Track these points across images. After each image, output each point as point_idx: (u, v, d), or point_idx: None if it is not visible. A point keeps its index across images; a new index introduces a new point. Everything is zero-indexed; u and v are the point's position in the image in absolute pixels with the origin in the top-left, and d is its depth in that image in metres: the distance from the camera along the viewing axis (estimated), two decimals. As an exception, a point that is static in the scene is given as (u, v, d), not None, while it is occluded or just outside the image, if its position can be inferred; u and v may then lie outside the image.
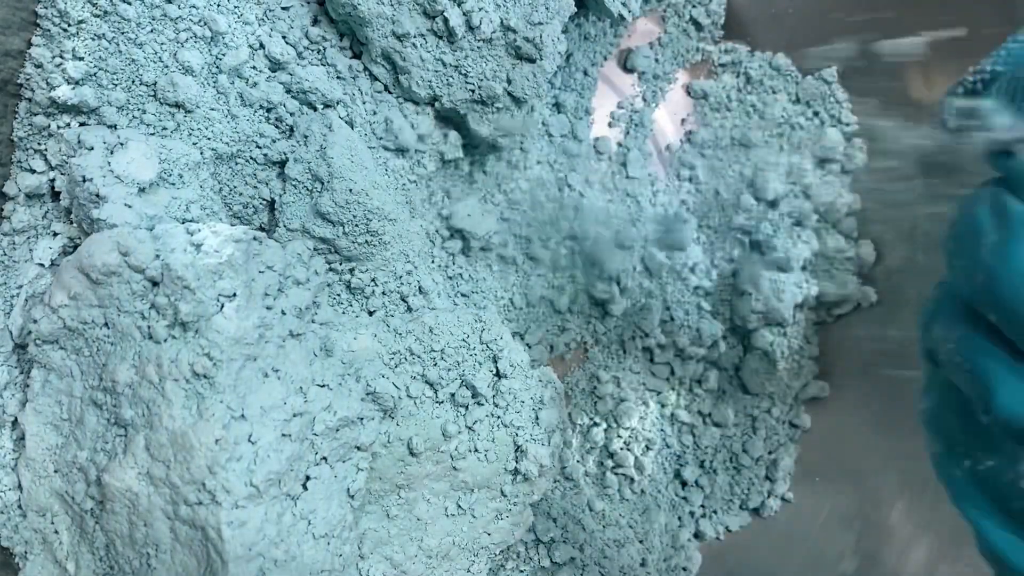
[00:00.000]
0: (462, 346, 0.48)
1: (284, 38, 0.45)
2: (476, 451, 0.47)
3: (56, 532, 0.39)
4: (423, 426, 0.45)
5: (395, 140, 0.47)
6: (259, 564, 0.35)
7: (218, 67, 0.43)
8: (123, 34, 0.40)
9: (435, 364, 0.47)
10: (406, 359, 0.46)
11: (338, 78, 0.46)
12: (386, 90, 0.48)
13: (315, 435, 0.38)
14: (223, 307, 0.37)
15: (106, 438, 0.37)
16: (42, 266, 0.41)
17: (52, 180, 0.42)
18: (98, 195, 0.38)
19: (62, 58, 0.39)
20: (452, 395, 0.47)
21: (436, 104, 0.48)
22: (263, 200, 0.46)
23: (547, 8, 0.45)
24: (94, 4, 0.39)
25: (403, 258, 0.48)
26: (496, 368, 0.48)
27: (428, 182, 0.51)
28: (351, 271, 0.46)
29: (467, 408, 0.47)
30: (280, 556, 0.36)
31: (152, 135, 0.41)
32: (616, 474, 0.59)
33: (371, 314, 0.47)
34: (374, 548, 0.45)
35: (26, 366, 0.41)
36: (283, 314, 0.39)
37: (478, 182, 0.54)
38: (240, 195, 0.45)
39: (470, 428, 0.47)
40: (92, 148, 0.39)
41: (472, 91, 0.46)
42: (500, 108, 0.47)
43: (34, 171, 0.41)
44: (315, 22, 0.45)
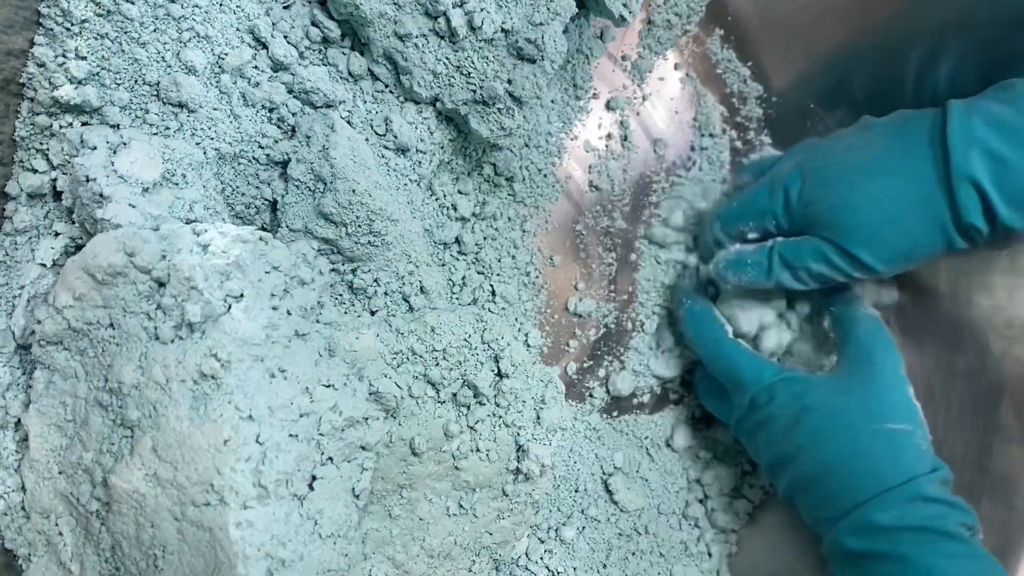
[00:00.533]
0: (464, 346, 0.48)
1: (286, 38, 0.45)
2: (478, 451, 0.47)
3: (60, 534, 0.39)
4: (425, 426, 0.45)
5: (396, 140, 0.47)
6: (267, 564, 0.35)
7: (221, 67, 0.43)
8: (126, 33, 0.40)
9: (437, 364, 0.47)
10: (408, 359, 0.46)
11: (340, 78, 0.46)
12: (387, 90, 0.47)
13: (321, 435, 0.38)
14: (231, 308, 0.36)
15: (112, 439, 0.37)
16: (44, 266, 0.41)
17: (54, 180, 0.41)
18: (102, 195, 0.38)
19: (65, 57, 0.39)
20: (454, 395, 0.47)
21: (437, 104, 0.48)
22: (265, 200, 0.46)
23: (548, 8, 0.45)
24: (97, 3, 0.39)
25: (405, 258, 0.48)
26: (498, 368, 0.48)
27: (429, 181, 0.51)
28: (353, 271, 0.46)
29: (469, 408, 0.47)
30: (287, 556, 0.36)
31: (155, 135, 0.41)
32: None
33: (373, 314, 0.47)
34: (376, 548, 0.45)
35: (29, 367, 0.41)
36: (289, 314, 0.39)
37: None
38: (243, 195, 0.45)
39: (472, 428, 0.47)
40: (95, 148, 0.39)
41: (473, 91, 0.46)
42: (501, 108, 0.47)
43: (36, 171, 0.41)
44: (316, 22, 0.45)
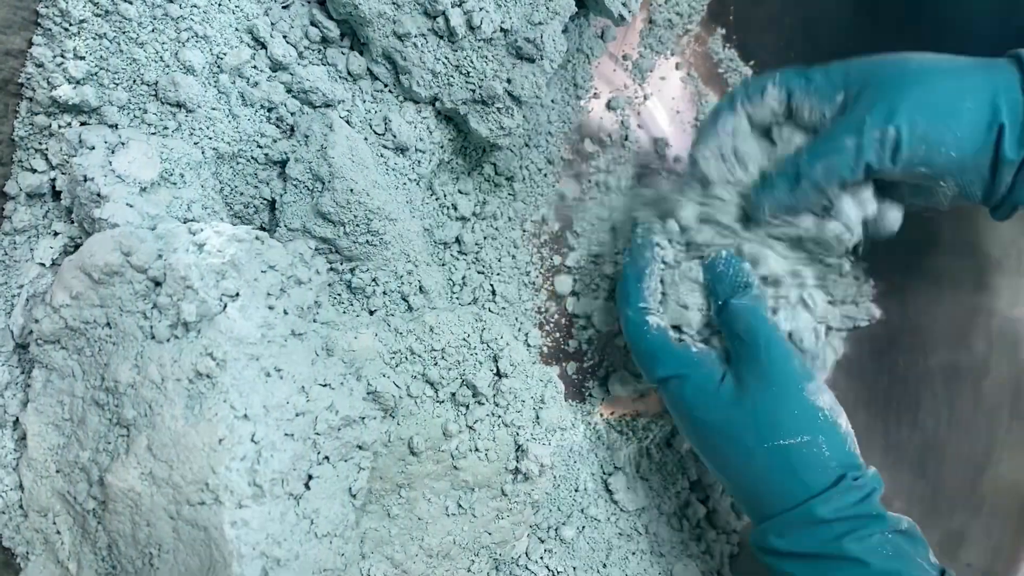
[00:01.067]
0: (463, 345, 0.48)
1: (285, 38, 0.45)
2: (477, 450, 0.47)
3: (58, 532, 0.39)
4: (424, 425, 0.45)
5: (395, 139, 0.47)
6: (262, 564, 0.35)
7: (219, 67, 0.43)
8: (124, 33, 0.40)
9: (436, 363, 0.47)
10: (407, 358, 0.46)
11: (339, 78, 0.46)
12: (387, 90, 0.47)
13: (317, 434, 0.38)
14: (226, 307, 0.37)
15: (108, 438, 0.37)
16: (43, 266, 0.41)
17: (53, 179, 0.41)
18: (99, 194, 0.38)
19: (63, 57, 0.39)
20: (453, 394, 0.47)
21: (437, 104, 0.48)
22: (264, 200, 0.46)
23: (547, 8, 0.45)
24: (95, 3, 0.39)
25: (404, 258, 0.48)
26: (496, 367, 0.48)
27: (429, 181, 0.51)
28: (352, 271, 0.46)
29: (468, 407, 0.47)
30: (283, 555, 0.36)
31: (153, 135, 0.41)
32: None
33: (372, 313, 0.47)
34: (375, 547, 0.45)
35: (27, 366, 0.41)
36: (285, 313, 0.39)
37: None
38: (241, 195, 0.45)
39: (471, 427, 0.47)
40: (93, 147, 0.39)
41: (473, 91, 0.46)
42: (500, 108, 0.47)
43: (35, 170, 0.41)
44: (315, 22, 0.45)
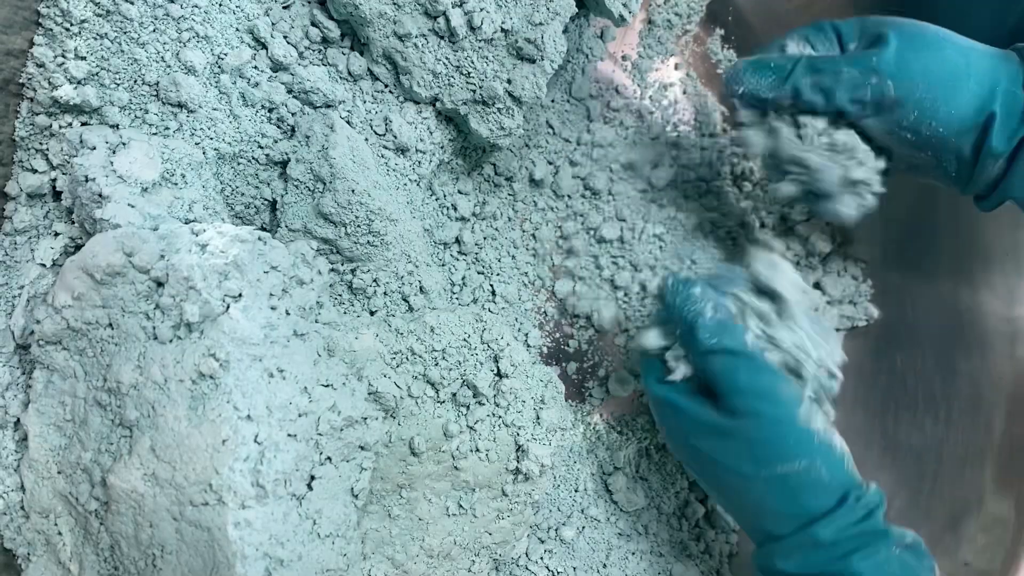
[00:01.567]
0: (463, 346, 0.48)
1: (286, 38, 0.45)
2: (477, 451, 0.47)
3: (59, 533, 0.39)
4: (424, 426, 0.45)
5: (396, 140, 0.47)
6: (265, 564, 0.35)
7: (220, 67, 0.43)
8: (125, 34, 0.40)
9: (436, 364, 0.47)
10: (407, 359, 0.46)
11: (340, 78, 0.46)
12: (387, 90, 0.48)
13: (320, 435, 0.38)
14: (229, 308, 0.36)
15: (110, 439, 0.37)
16: (44, 266, 0.41)
17: (53, 180, 0.41)
18: (101, 195, 0.38)
19: (64, 57, 0.39)
20: (453, 395, 0.47)
21: (437, 104, 0.48)
22: (265, 200, 0.46)
23: (548, 8, 0.45)
24: (96, 3, 0.39)
25: (404, 258, 0.48)
26: (497, 368, 0.48)
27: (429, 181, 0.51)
28: (353, 271, 0.46)
29: (468, 408, 0.47)
30: (286, 556, 0.36)
31: (154, 135, 0.41)
32: None
33: (373, 314, 0.47)
34: (376, 548, 0.45)
35: (28, 367, 0.41)
36: (287, 314, 0.39)
37: None
38: (242, 195, 0.45)
39: (471, 428, 0.47)
40: (94, 148, 0.39)
41: (473, 91, 0.46)
42: (501, 108, 0.47)
43: (36, 171, 0.41)
44: (316, 22, 0.45)
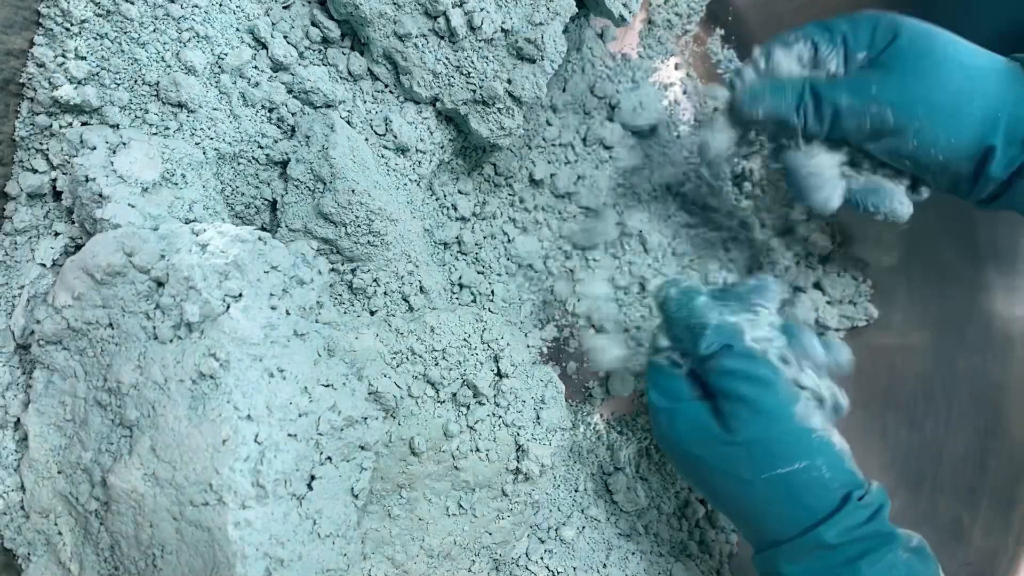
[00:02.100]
0: (463, 345, 0.48)
1: (286, 38, 0.45)
2: (477, 450, 0.47)
3: (60, 533, 0.39)
4: (425, 425, 0.45)
5: (396, 140, 0.47)
6: (265, 564, 0.35)
7: (220, 67, 0.43)
8: (126, 34, 0.40)
9: (436, 364, 0.47)
10: (408, 359, 0.46)
11: (340, 78, 0.46)
12: (387, 90, 0.48)
13: (320, 435, 0.38)
14: (229, 308, 0.36)
15: (111, 439, 0.37)
16: (44, 266, 0.41)
17: (54, 180, 0.41)
18: (101, 195, 0.38)
19: (64, 57, 0.39)
20: (453, 395, 0.47)
21: (437, 104, 0.48)
22: (265, 200, 0.46)
23: (548, 8, 0.45)
24: (97, 3, 0.39)
25: (405, 258, 0.48)
26: (497, 367, 0.48)
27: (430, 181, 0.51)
28: (353, 271, 0.46)
29: (468, 407, 0.47)
30: (286, 556, 0.36)
31: (155, 135, 0.41)
32: None
33: (373, 314, 0.47)
34: (376, 548, 0.45)
35: (28, 367, 0.41)
36: (288, 314, 0.39)
37: None
38: (242, 195, 0.45)
39: (471, 427, 0.47)
40: (95, 148, 0.39)
41: (473, 91, 0.46)
42: (501, 108, 0.47)
43: (36, 171, 0.41)
44: (316, 22, 0.45)
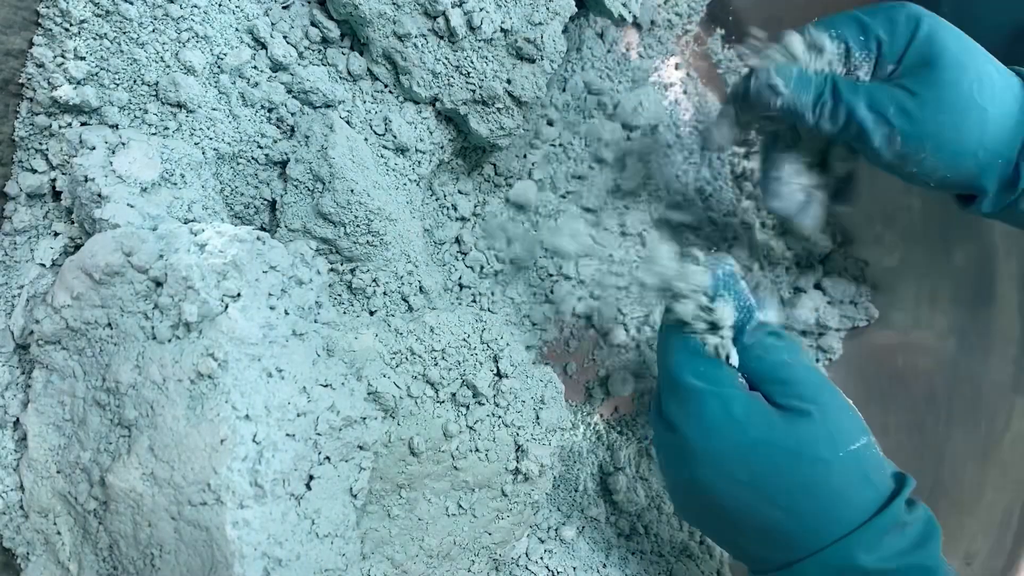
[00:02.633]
0: (463, 346, 0.48)
1: (285, 38, 0.45)
2: (477, 451, 0.47)
3: (58, 533, 0.39)
4: (424, 426, 0.45)
5: (395, 140, 0.47)
6: (263, 564, 0.35)
7: (220, 67, 0.43)
8: (125, 34, 0.40)
9: (436, 364, 0.47)
10: (407, 359, 0.46)
11: (339, 78, 0.46)
12: (387, 90, 0.48)
13: (318, 435, 0.38)
14: (227, 307, 0.36)
15: (109, 439, 0.37)
16: (43, 266, 0.41)
17: (53, 180, 0.41)
18: (100, 195, 0.38)
19: (64, 58, 0.39)
20: (453, 395, 0.47)
21: (437, 104, 0.48)
22: (264, 200, 0.46)
23: (547, 8, 0.45)
24: (96, 4, 0.39)
25: (404, 258, 0.48)
26: (497, 367, 0.48)
27: (429, 181, 0.51)
28: (352, 271, 0.46)
29: (468, 408, 0.47)
30: (284, 556, 0.36)
31: (154, 135, 0.41)
32: None
33: (372, 314, 0.47)
34: (375, 548, 0.45)
35: (28, 366, 0.41)
36: (286, 314, 0.39)
37: None
38: (241, 195, 0.45)
39: (471, 428, 0.47)
40: (94, 148, 0.39)
41: (473, 91, 0.46)
42: (500, 108, 0.47)
43: (35, 171, 0.41)
44: (316, 22, 0.45)
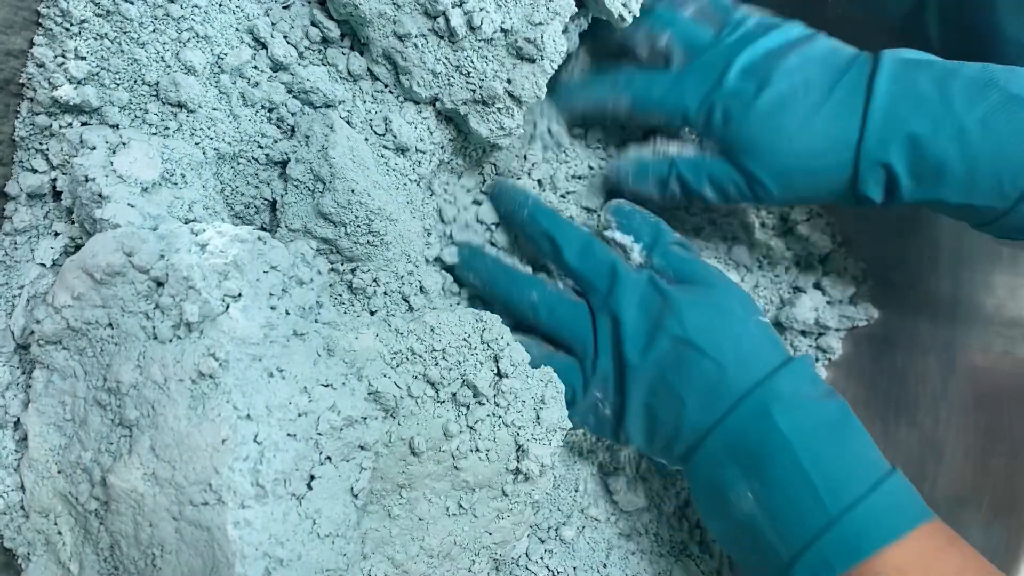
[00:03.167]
0: (463, 345, 0.48)
1: (285, 38, 0.45)
2: (477, 450, 0.47)
3: (59, 533, 0.39)
4: (424, 425, 0.45)
5: (396, 140, 0.47)
6: (265, 564, 0.35)
7: (220, 67, 0.43)
8: (125, 34, 0.40)
9: (436, 363, 0.47)
10: (407, 358, 0.46)
11: (339, 78, 0.46)
12: (387, 90, 0.48)
13: (319, 435, 0.38)
14: (228, 307, 0.36)
15: (110, 439, 0.37)
16: (44, 266, 0.41)
17: (54, 180, 0.41)
18: (101, 195, 0.38)
19: (64, 58, 0.39)
20: (453, 394, 0.47)
21: (437, 104, 0.48)
22: (265, 200, 0.46)
23: (548, 8, 0.45)
24: (96, 3, 0.39)
25: (404, 258, 0.48)
26: (497, 367, 0.48)
27: (429, 181, 0.51)
28: (353, 271, 0.46)
29: (468, 407, 0.47)
30: (286, 556, 0.36)
31: (154, 135, 0.41)
32: None
33: (373, 314, 0.47)
34: (376, 548, 0.45)
35: (28, 367, 0.41)
36: (287, 314, 0.39)
37: None
38: (242, 195, 0.45)
39: (471, 427, 0.47)
40: (94, 148, 0.39)
41: (473, 91, 0.46)
42: (501, 108, 0.47)
43: (36, 171, 0.41)
44: (316, 22, 0.45)
